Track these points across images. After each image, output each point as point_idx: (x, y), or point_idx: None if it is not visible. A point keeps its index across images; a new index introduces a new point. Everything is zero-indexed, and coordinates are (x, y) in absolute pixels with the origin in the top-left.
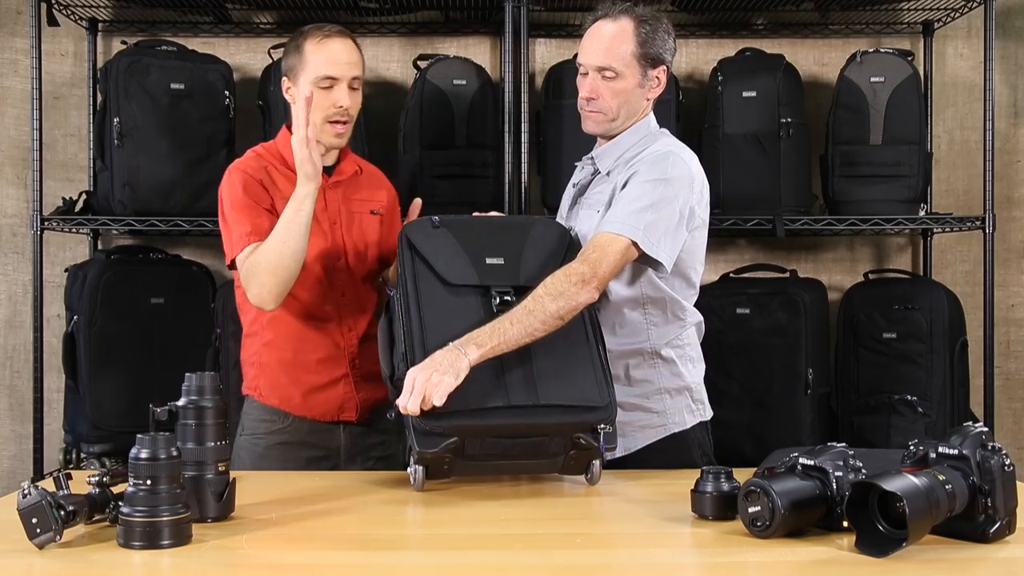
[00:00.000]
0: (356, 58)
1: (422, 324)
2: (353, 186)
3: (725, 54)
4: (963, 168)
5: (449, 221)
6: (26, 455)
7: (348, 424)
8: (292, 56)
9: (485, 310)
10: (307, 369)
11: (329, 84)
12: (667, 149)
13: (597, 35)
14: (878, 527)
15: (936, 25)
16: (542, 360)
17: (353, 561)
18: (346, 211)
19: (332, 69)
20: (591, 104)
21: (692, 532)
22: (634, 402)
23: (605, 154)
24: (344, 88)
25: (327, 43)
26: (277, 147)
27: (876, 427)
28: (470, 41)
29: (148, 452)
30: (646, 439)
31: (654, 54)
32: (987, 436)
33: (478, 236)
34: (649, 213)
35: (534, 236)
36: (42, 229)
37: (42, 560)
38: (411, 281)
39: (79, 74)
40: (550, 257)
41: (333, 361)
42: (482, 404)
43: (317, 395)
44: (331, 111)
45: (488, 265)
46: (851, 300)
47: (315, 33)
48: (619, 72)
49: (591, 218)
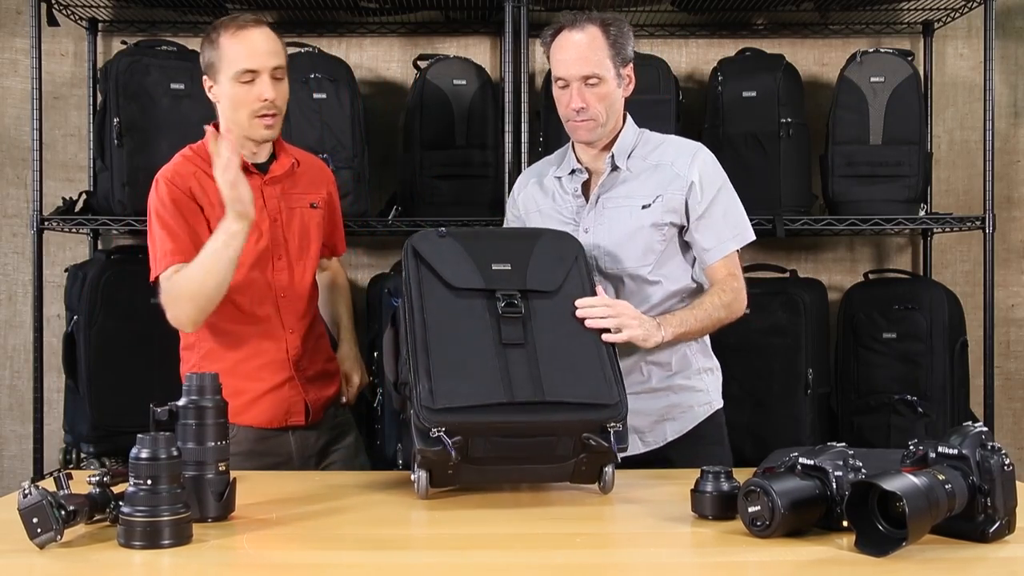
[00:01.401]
0: (276, 47)
1: (425, 326)
2: (290, 181)
3: (725, 54)
4: (963, 168)
5: (455, 232)
6: (26, 455)
7: (296, 428)
8: (208, 52)
9: (491, 313)
10: (248, 376)
11: (250, 78)
12: (687, 142)
13: (570, 46)
14: (878, 527)
15: (936, 25)
16: (548, 357)
17: (353, 561)
18: (286, 208)
19: (251, 61)
20: (582, 114)
21: (692, 532)
22: (680, 383)
23: (620, 152)
24: (267, 79)
25: (243, 35)
26: (207, 148)
27: (876, 427)
28: (470, 41)
29: (148, 452)
30: (697, 418)
31: (624, 54)
32: (987, 436)
33: (485, 244)
34: (730, 217)
35: (542, 244)
36: (42, 229)
37: (42, 560)
38: (415, 286)
39: (79, 74)
40: (558, 263)
41: (276, 365)
42: (486, 400)
43: (261, 402)
44: (256, 105)
45: (495, 271)
46: (851, 300)
47: (229, 25)
48: (602, 77)
49: (628, 215)
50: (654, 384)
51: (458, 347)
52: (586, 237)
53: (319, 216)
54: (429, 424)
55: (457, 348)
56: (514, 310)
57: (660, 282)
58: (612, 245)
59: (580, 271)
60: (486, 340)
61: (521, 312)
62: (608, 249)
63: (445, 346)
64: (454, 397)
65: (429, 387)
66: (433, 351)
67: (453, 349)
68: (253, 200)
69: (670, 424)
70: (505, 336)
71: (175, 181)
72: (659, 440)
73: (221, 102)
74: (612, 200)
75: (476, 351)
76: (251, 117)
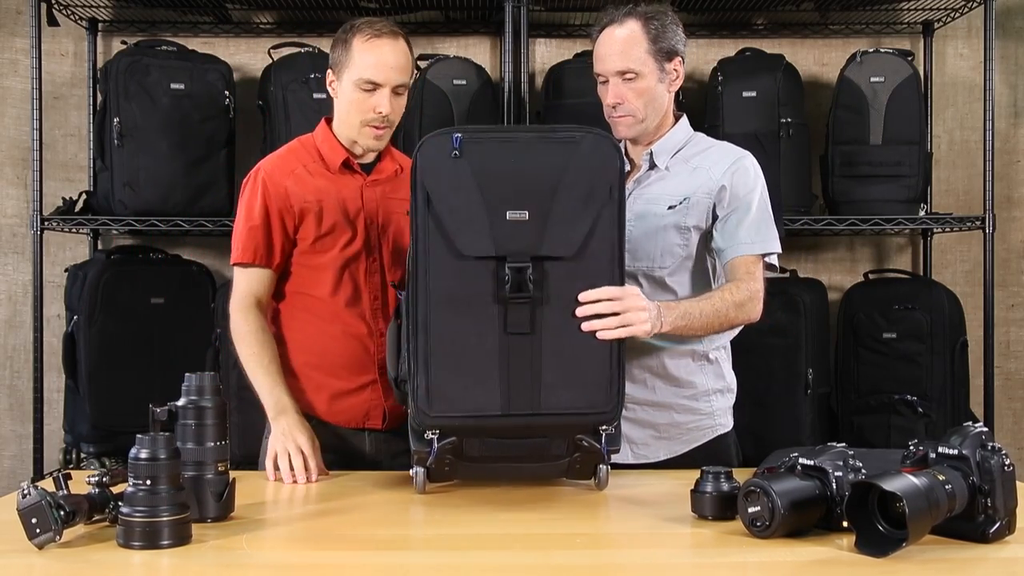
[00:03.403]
0: (404, 62)
1: (427, 320)
2: (392, 186)
3: (725, 54)
4: (963, 168)
5: (472, 147)
6: (26, 455)
7: (373, 431)
8: (339, 50)
9: (498, 288)
10: (332, 374)
11: (372, 87)
12: (734, 149)
13: (609, 41)
14: (878, 527)
15: (936, 25)
16: (552, 352)
17: (354, 561)
18: (383, 212)
19: (377, 74)
20: (619, 109)
21: (692, 532)
22: (684, 403)
23: (661, 151)
24: (387, 93)
25: (376, 44)
26: (315, 142)
27: (876, 427)
28: (470, 41)
29: (148, 452)
30: (694, 441)
31: (667, 48)
32: (987, 436)
33: (504, 172)
34: (757, 224)
35: (573, 172)
36: (42, 229)
37: (42, 560)
38: (422, 252)
39: (79, 74)
40: (587, 204)
41: (361, 367)
42: (481, 411)
43: (343, 401)
44: (370, 115)
45: (508, 222)
46: (851, 300)
47: (365, 30)
48: (638, 72)
49: (653, 213)
50: (657, 398)
51: (459, 337)
52: None
53: None
54: (423, 427)
55: (458, 338)
56: (522, 296)
57: (675, 290)
58: (633, 241)
59: (611, 216)
60: (490, 328)
61: (530, 295)
62: (629, 245)
63: (445, 338)
64: (449, 405)
65: (426, 385)
66: (433, 346)
67: (454, 340)
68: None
69: (665, 444)
70: (511, 324)
71: (272, 176)
72: (651, 456)
73: (339, 99)
74: (643, 197)
75: (478, 342)
76: (363, 125)
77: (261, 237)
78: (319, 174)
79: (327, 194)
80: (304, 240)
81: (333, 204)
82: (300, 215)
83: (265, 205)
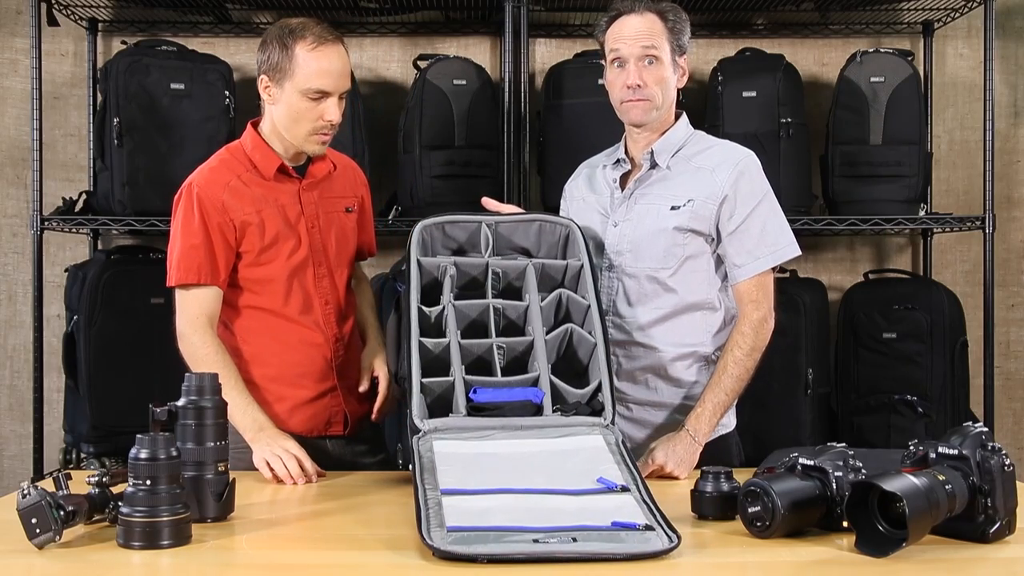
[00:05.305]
0: (348, 66)
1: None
2: (327, 185)
3: (725, 54)
4: (963, 168)
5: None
6: (26, 455)
7: (334, 437)
8: (276, 54)
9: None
10: (292, 384)
11: (320, 96)
12: (736, 149)
13: (629, 26)
14: (878, 527)
15: (936, 25)
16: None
17: (353, 561)
18: (323, 213)
19: (327, 83)
20: (638, 92)
21: (692, 532)
22: (685, 403)
23: (662, 150)
24: (334, 101)
25: (323, 52)
26: (244, 150)
27: (876, 427)
28: (470, 41)
29: (148, 452)
30: None
31: (681, 43)
32: (987, 436)
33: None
34: (768, 233)
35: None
36: (42, 229)
37: (42, 560)
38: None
39: (79, 74)
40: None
41: (320, 374)
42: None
43: (304, 410)
44: (319, 124)
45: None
46: (851, 300)
47: (307, 37)
48: (660, 58)
49: (655, 213)
50: (658, 398)
51: None
52: (614, 231)
53: (354, 220)
54: (420, 427)
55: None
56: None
57: (677, 291)
58: (636, 242)
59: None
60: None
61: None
62: (632, 246)
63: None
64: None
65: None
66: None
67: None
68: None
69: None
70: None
71: (207, 191)
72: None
73: (278, 107)
74: (645, 196)
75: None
76: (310, 133)
77: (203, 255)
78: (254, 183)
79: (265, 203)
80: (248, 253)
81: (273, 213)
82: (241, 228)
83: (203, 221)
